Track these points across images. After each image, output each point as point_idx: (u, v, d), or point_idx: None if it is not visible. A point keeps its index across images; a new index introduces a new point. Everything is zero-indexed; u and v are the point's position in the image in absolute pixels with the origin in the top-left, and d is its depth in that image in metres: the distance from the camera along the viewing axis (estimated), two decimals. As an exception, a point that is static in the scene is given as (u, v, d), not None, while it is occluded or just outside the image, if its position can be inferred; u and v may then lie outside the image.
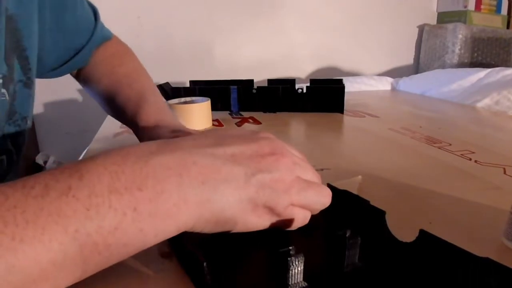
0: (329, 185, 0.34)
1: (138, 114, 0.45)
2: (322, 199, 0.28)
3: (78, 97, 1.37)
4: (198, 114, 0.71)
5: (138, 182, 0.21)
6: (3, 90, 0.37)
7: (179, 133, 0.40)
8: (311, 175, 0.28)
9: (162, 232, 0.22)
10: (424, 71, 1.54)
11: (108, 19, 1.44)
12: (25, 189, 0.19)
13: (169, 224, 0.22)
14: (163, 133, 0.41)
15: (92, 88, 0.53)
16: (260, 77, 1.23)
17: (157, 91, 0.51)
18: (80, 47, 0.50)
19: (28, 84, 0.43)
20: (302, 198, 0.26)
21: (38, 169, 1.22)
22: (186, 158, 0.23)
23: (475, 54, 1.55)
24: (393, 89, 1.26)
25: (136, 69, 0.53)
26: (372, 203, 0.30)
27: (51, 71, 0.51)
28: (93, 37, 0.51)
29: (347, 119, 0.80)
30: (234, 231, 0.25)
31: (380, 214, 0.29)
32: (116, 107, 0.49)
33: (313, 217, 0.34)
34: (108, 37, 0.55)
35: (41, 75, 0.51)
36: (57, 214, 0.19)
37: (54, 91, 1.32)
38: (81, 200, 0.19)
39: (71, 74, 0.55)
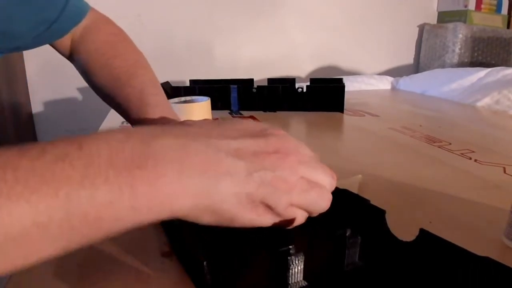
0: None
1: (142, 120, 0.43)
2: (322, 203, 0.27)
3: (78, 95, 1.37)
4: (198, 114, 0.71)
5: (137, 162, 0.20)
6: None
7: None
8: (321, 175, 0.27)
9: (155, 214, 0.21)
10: (424, 70, 1.54)
11: (108, 17, 1.43)
12: (21, 151, 0.19)
13: (163, 208, 0.21)
14: None
15: (88, 79, 0.51)
16: (260, 76, 1.23)
17: (157, 84, 0.49)
18: (53, 19, 0.47)
19: None
20: (302, 199, 0.26)
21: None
22: (190, 145, 0.23)
23: (475, 54, 1.55)
24: (393, 88, 1.26)
25: (133, 61, 0.50)
26: (372, 202, 0.30)
27: (32, 40, 0.48)
28: (67, 8, 0.47)
29: (347, 118, 0.80)
30: (232, 226, 0.25)
31: (380, 213, 0.29)
32: (117, 106, 0.48)
33: (313, 218, 0.34)
34: (84, 10, 0.51)
35: (25, 46, 0.48)
36: (50, 177, 0.18)
37: (54, 89, 1.32)
38: (77, 168, 0.19)
39: (63, 55, 0.52)
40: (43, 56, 1.19)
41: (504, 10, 1.66)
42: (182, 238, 0.27)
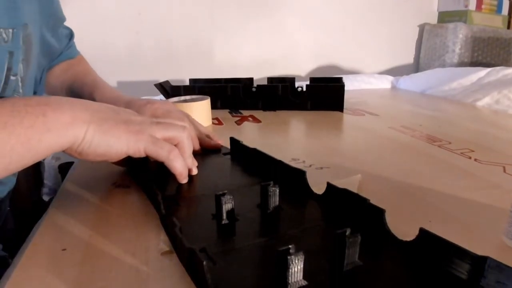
0: (328, 184, 0.34)
1: (95, 93, 0.56)
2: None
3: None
4: (197, 113, 0.71)
5: (45, 102, 0.33)
6: (21, 91, 0.45)
7: (131, 103, 0.52)
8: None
9: (65, 137, 0.33)
10: (424, 70, 1.54)
11: (108, 15, 1.43)
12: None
13: (68, 130, 0.33)
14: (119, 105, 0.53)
15: (50, 84, 0.63)
16: (260, 75, 1.23)
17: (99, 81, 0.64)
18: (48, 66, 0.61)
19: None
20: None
21: (37, 164, 1.22)
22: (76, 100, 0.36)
23: (475, 54, 1.55)
24: (393, 87, 1.26)
25: (90, 68, 0.66)
26: (371, 201, 0.30)
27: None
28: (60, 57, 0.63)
29: (347, 117, 0.80)
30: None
31: (379, 213, 0.29)
32: (73, 91, 0.60)
33: (313, 217, 0.34)
34: (70, 57, 0.65)
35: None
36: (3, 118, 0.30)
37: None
38: (19, 114, 0.30)
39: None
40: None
41: (505, 10, 1.66)
42: (181, 238, 0.27)
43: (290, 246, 0.22)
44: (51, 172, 1.21)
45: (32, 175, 1.18)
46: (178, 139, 0.41)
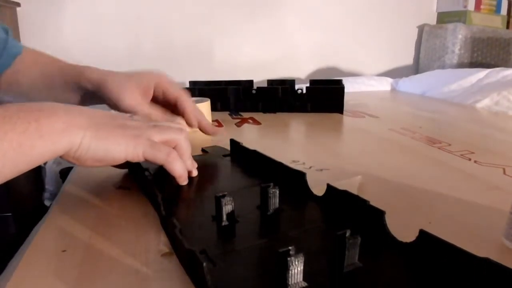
0: (328, 186, 0.34)
1: (83, 74, 0.52)
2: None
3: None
4: (198, 114, 0.71)
5: (38, 108, 0.32)
6: None
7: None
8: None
9: (59, 143, 0.32)
10: (424, 71, 1.54)
11: (107, 18, 1.44)
12: None
13: (63, 136, 0.32)
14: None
15: (18, 84, 0.58)
16: (259, 77, 1.23)
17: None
18: None
19: None
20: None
21: (38, 169, 1.22)
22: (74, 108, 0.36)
23: (475, 54, 1.55)
24: (393, 89, 1.26)
25: (55, 57, 0.60)
26: (371, 203, 0.30)
27: None
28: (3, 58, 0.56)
29: (347, 119, 0.80)
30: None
31: (379, 214, 0.29)
32: (52, 82, 0.56)
33: (313, 218, 0.34)
34: (18, 53, 0.57)
35: None
36: None
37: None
38: (10, 119, 0.30)
39: None
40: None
41: (504, 10, 1.66)
42: (181, 239, 0.27)
43: (290, 248, 0.22)
44: (53, 177, 1.21)
45: (33, 180, 1.18)
46: (176, 141, 0.40)
